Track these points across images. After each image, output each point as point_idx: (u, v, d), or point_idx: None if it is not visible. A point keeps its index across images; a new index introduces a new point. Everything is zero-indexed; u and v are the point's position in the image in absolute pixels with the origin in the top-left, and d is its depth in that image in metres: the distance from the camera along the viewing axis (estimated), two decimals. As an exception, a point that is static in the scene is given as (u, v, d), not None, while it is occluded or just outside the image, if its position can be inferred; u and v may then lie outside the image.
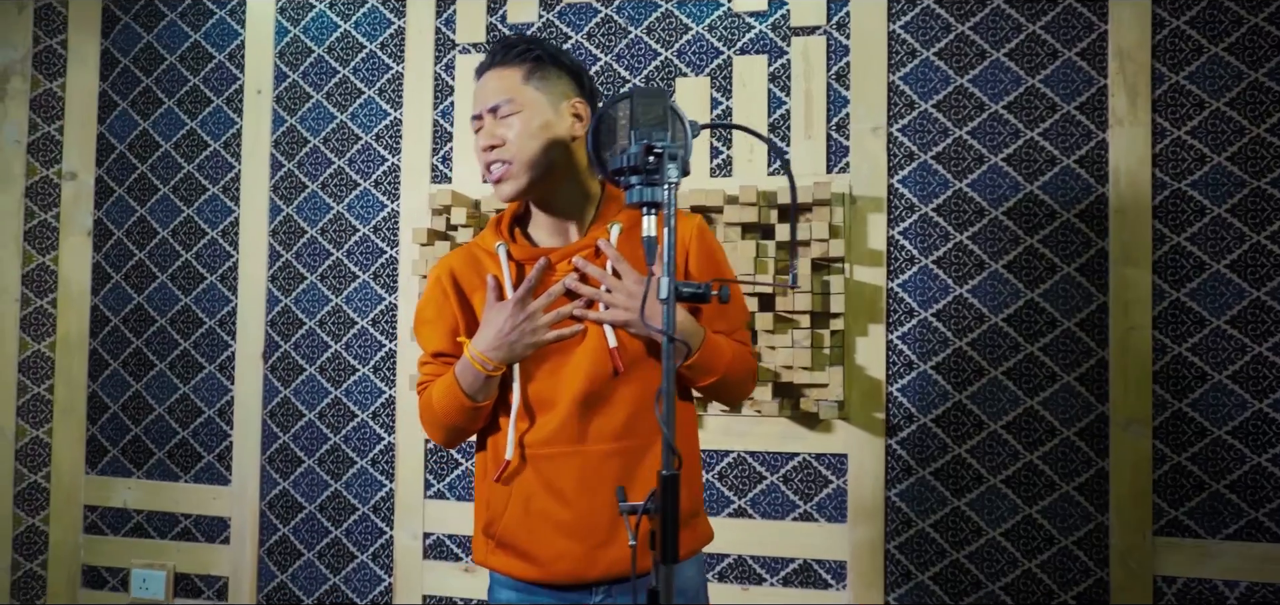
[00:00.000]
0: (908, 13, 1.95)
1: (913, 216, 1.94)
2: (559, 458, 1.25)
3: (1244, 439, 1.79)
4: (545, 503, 1.25)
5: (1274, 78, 1.80)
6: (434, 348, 1.32)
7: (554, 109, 1.27)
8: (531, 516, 1.26)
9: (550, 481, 1.25)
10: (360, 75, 2.23)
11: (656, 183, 0.87)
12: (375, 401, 2.18)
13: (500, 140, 1.25)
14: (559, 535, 1.24)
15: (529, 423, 1.26)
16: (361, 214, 2.21)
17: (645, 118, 0.88)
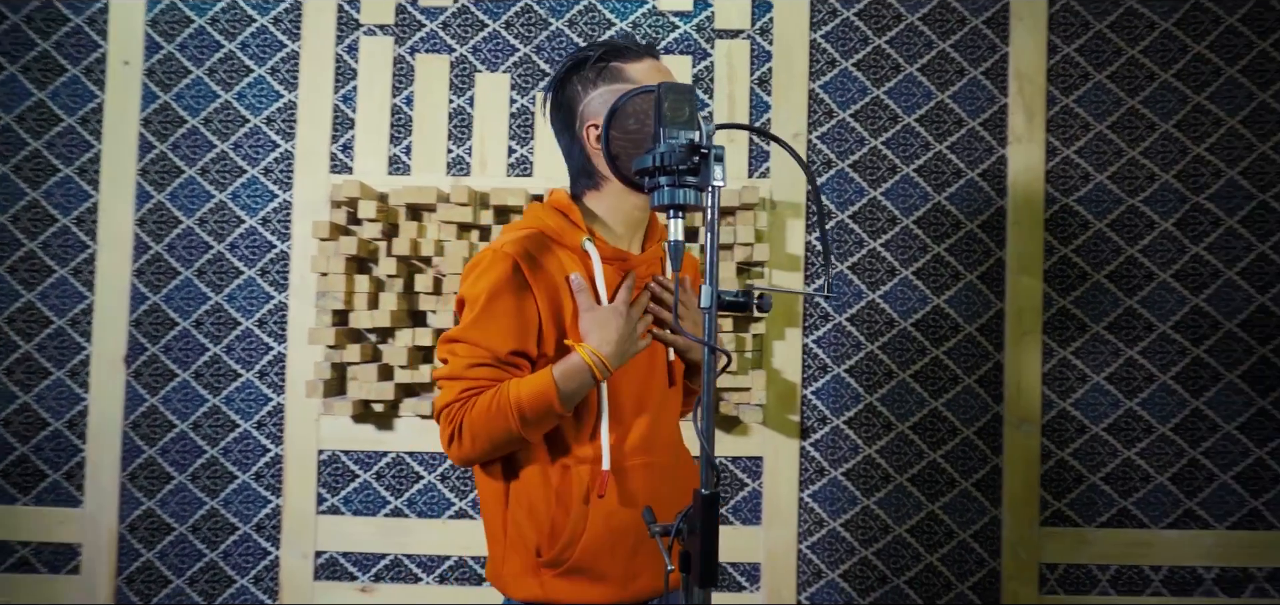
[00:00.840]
0: (829, 23, 2.05)
1: (830, 223, 2.03)
2: (636, 469, 1.23)
3: (1117, 435, 2.00)
4: (625, 518, 1.22)
5: (1148, 105, 2.02)
6: (510, 346, 1.17)
7: None
8: (613, 534, 1.21)
9: (630, 494, 1.22)
10: (249, 52, 2.08)
11: (689, 184, 0.86)
12: (261, 409, 2.04)
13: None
14: (639, 551, 1.22)
15: (614, 433, 1.22)
16: (248, 204, 2.06)
17: (675, 116, 0.87)
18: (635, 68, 1.22)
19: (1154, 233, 2.01)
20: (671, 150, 0.85)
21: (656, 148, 0.87)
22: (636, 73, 1.21)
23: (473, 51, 2.07)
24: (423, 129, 2.06)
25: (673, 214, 0.89)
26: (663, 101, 0.88)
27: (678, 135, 0.86)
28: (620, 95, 1.01)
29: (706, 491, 0.87)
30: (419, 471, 2.03)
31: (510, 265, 1.17)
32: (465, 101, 2.06)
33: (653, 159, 0.87)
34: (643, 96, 1.03)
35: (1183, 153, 2.01)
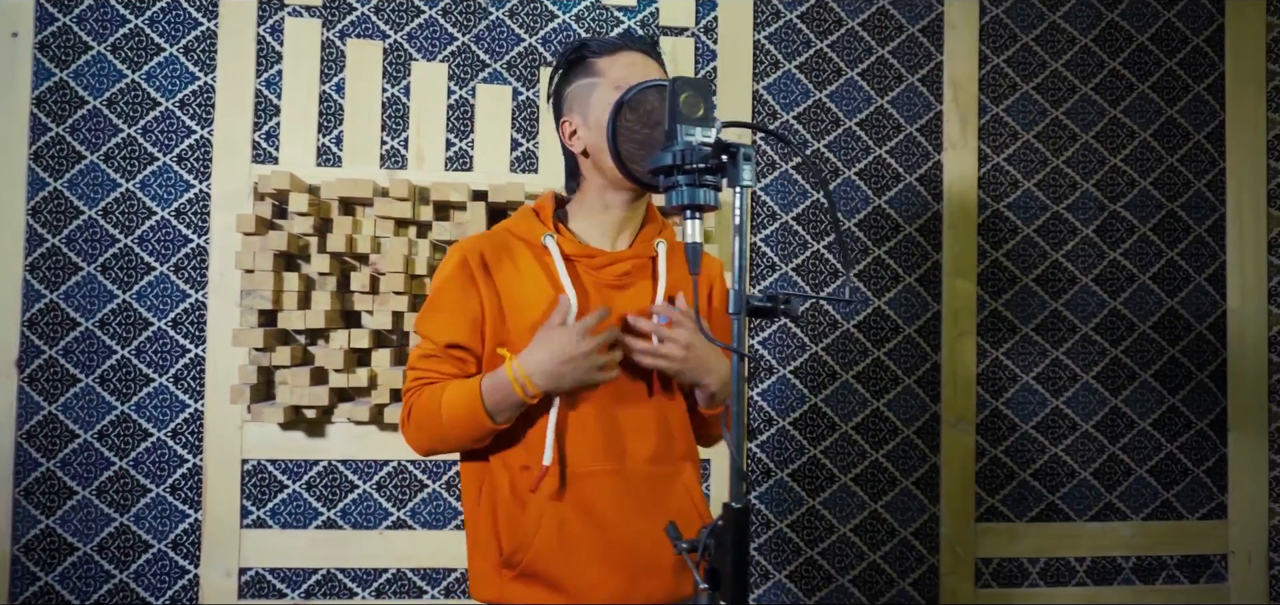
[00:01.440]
0: (772, 24, 2.08)
1: (774, 224, 2.07)
2: (598, 477, 1.20)
3: (1045, 432, 2.12)
4: (581, 527, 1.19)
5: (1071, 116, 2.15)
6: (447, 338, 1.21)
7: None
8: (567, 541, 1.19)
9: (588, 503, 1.19)
10: (159, 28, 1.94)
11: (708, 184, 0.84)
12: (176, 417, 1.91)
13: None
14: (596, 562, 1.19)
15: (575, 440, 1.20)
16: (159, 194, 1.93)
17: (690, 111, 0.85)
18: (605, 61, 1.23)
19: (1076, 239, 2.14)
20: (692, 149, 0.83)
21: (674, 145, 0.85)
22: (606, 66, 1.22)
23: (407, 39, 2.00)
24: (355, 119, 1.98)
25: (691, 215, 0.87)
26: (678, 97, 0.86)
27: (694, 132, 0.85)
28: (628, 89, 0.99)
29: (737, 504, 0.86)
30: (353, 480, 1.95)
31: (458, 260, 1.24)
32: (400, 91, 2.00)
33: (672, 157, 0.84)
34: (654, 91, 1.01)
35: (1101, 163, 2.15)
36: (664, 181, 0.87)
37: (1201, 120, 2.18)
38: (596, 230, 1.27)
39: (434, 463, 1.96)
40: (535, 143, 2.01)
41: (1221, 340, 2.16)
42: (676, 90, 0.86)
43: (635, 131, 1.03)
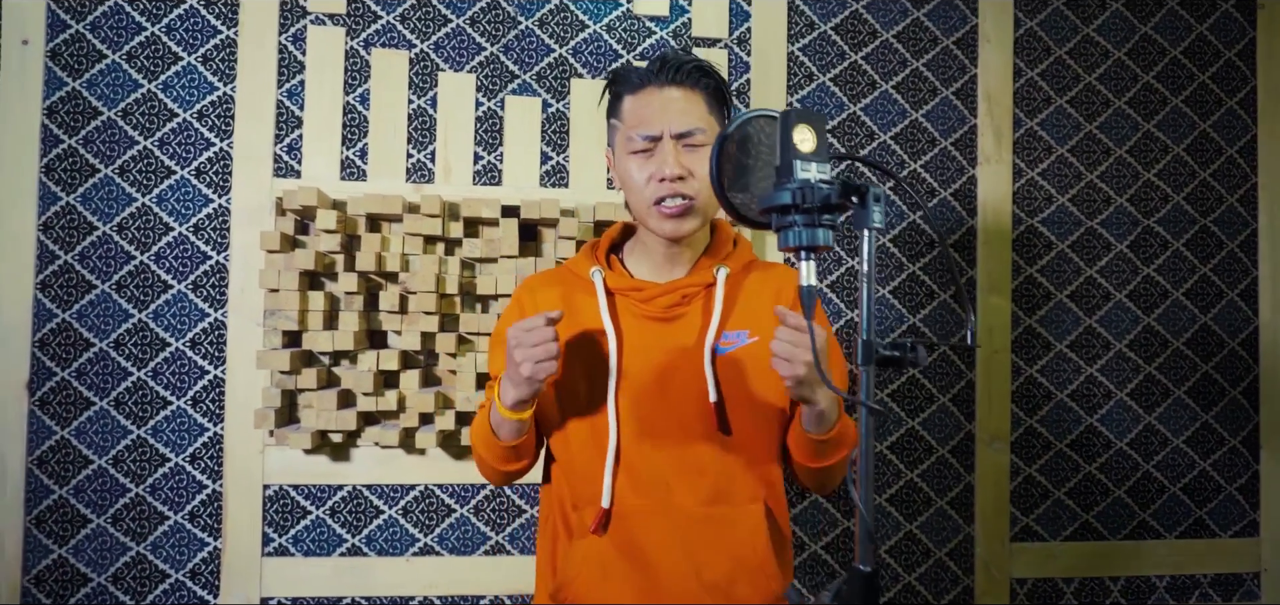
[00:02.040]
0: (806, 36, 2.05)
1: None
2: (643, 515, 1.18)
3: (1079, 450, 2.11)
4: (624, 567, 1.17)
5: (1104, 130, 2.14)
6: (497, 370, 1.29)
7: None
8: (609, 581, 1.16)
9: (633, 543, 1.16)
10: (176, 36, 1.88)
11: (825, 224, 0.81)
12: (195, 441, 1.86)
13: (688, 172, 1.20)
14: (637, 602, 1.17)
15: (621, 473, 1.21)
16: (177, 209, 1.87)
17: (804, 145, 0.80)
18: (629, 102, 1.25)
19: (1110, 254, 2.13)
20: (812, 188, 0.79)
21: (789, 183, 0.80)
22: (629, 111, 1.24)
23: (434, 48, 1.95)
24: (380, 131, 1.93)
25: (805, 256, 0.83)
26: (789, 130, 0.81)
27: (809, 167, 0.82)
28: (734, 124, 0.95)
29: (866, 568, 0.83)
30: (379, 506, 1.90)
31: (515, 298, 1.32)
32: (427, 102, 1.95)
33: (791, 197, 0.80)
34: (764, 121, 0.97)
35: (1135, 177, 2.14)
36: (777, 221, 0.83)
37: (1234, 134, 2.18)
38: (648, 262, 1.29)
39: (462, 487, 1.92)
40: (566, 156, 1.97)
41: (1254, 356, 2.16)
42: (788, 123, 0.82)
43: (740, 165, 0.98)
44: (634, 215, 1.27)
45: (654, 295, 1.24)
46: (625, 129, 1.24)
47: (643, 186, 1.21)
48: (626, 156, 1.23)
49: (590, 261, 1.29)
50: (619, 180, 1.27)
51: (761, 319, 1.25)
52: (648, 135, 1.21)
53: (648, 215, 1.22)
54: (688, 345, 1.22)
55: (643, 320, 1.23)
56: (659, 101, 1.22)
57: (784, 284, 1.31)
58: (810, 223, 0.80)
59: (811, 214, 0.80)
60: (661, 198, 1.20)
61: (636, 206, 1.24)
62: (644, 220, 1.24)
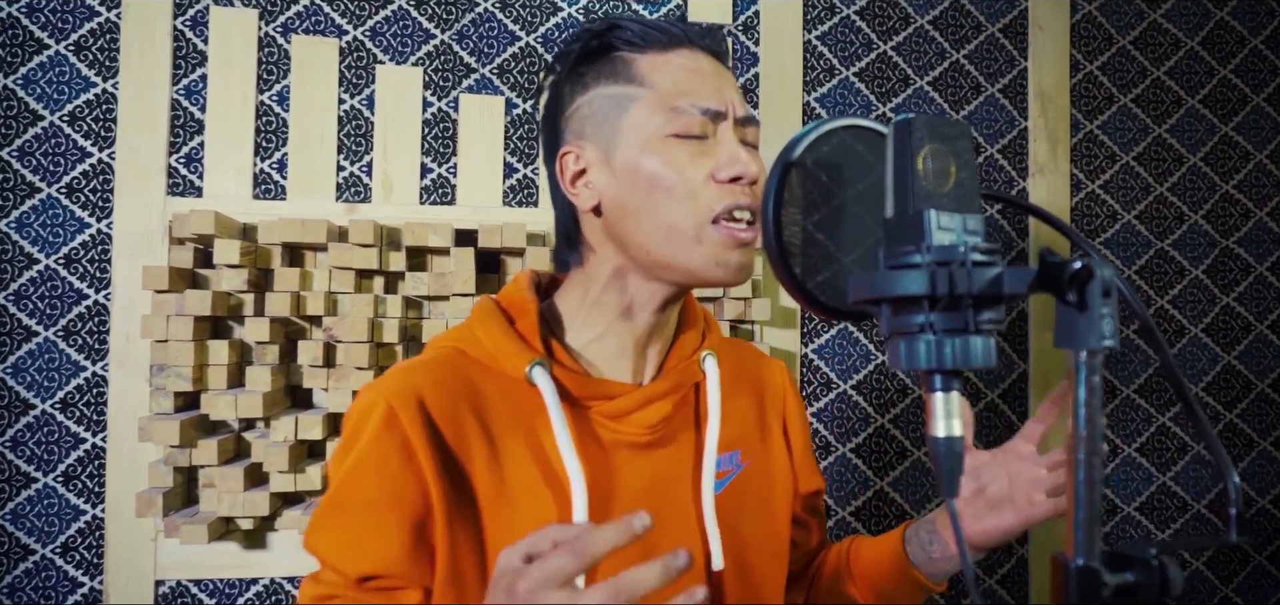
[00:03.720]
0: (826, 22, 1.71)
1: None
2: None
3: (1150, 514, 1.78)
4: None
5: (1176, 134, 1.81)
6: (360, 565, 0.71)
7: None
8: None
9: None
10: (41, 19, 1.50)
11: (986, 328, 0.44)
12: (67, 528, 1.48)
13: (757, 176, 0.76)
14: None
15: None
16: (43, 236, 1.49)
17: (938, 180, 0.44)
18: (651, 60, 0.77)
19: (1184, 281, 1.80)
20: (960, 261, 0.43)
21: (916, 252, 0.44)
22: (652, 70, 0.77)
23: (370, 35, 1.59)
24: (303, 137, 1.56)
25: (943, 385, 0.46)
26: (914, 152, 0.45)
27: (951, 222, 0.46)
28: (805, 140, 0.53)
29: None
30: None
31: (381, 419, 0.72)
32: (361, 102, 1.58)
33: (930, 280, 0.43)
34: (856, 136, 0.55)
35: (1211, 190, 1.82)
36: (892, 321, 0.46)
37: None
38: (610, 346, 0.81)
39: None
40: (534, 168, 1.61)
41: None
42: (913, 140, 0.46)
43: (815, 215, 0.54)
44: (642, 249, 0.77)
45: (635, 406, 0.80)
46: (658, 96, 0.76)
47: (698, 189, 0.74)
48: (663, 141, 0.75)
49: (520, 349, 0.77)
50: (624, 192, 0.77)
51: (746, 427, 0.89)
52: (707, 110, 0.76)
53: (690, 244, 0.75)
54: (674, 485, 0.81)
55: (623, 450, 0.79)
56: (709, 68, 0.79)
57: (760, 372, 0.94)
58: (959, 327, 0.45)
59: (962, 312, 0.45)
60: (733, 210, 0.75)
61: (672, 227, 0.75)
62: (676, 254, 0.75)
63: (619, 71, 0.78)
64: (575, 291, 0.83)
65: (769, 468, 0.90)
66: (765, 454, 0.90)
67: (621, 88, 0.77)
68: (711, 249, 0.75)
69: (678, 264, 0.76)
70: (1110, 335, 0.42)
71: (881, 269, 0.47)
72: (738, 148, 0.77)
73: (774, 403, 0.94)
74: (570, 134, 0.80)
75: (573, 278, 0.84)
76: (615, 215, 0.77)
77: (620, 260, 0.79)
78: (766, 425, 0.92)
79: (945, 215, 0.46)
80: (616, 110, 0.77)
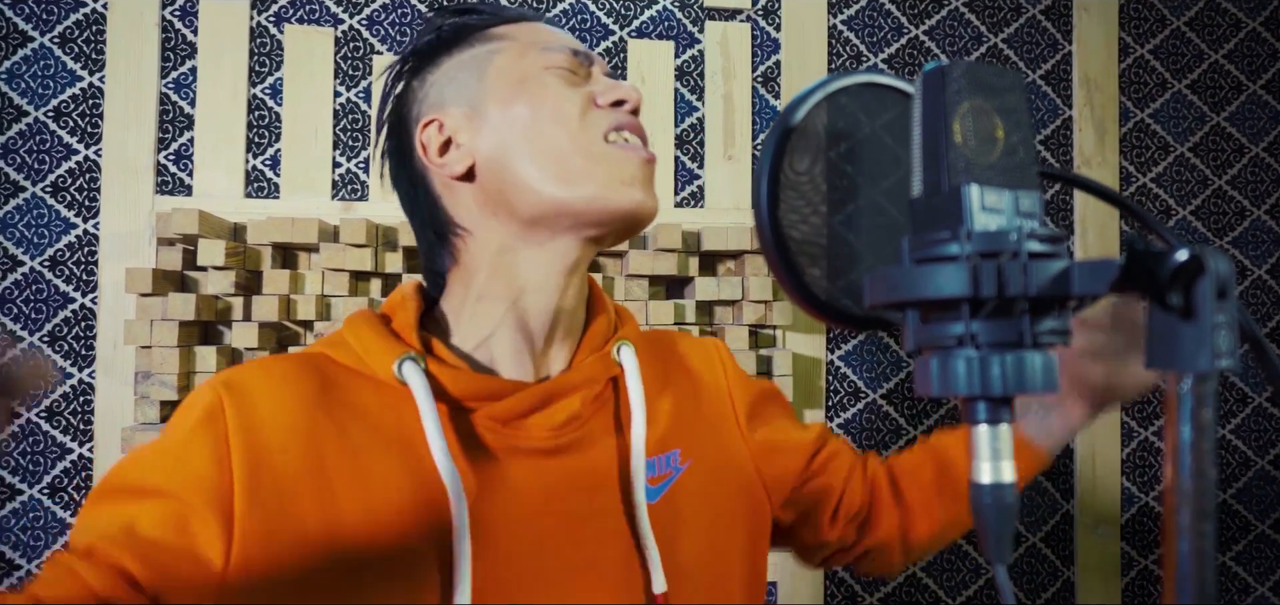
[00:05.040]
0: (852, 5, 1.60)
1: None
2: None
3: (1209, 536, 1.65)
4: None
5: (1235, 123, 1.68)
6: (131, 521, 0.57)
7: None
8: None
9: None
10: (25, 10, 1.44)
11: (1046, 338, 0.34)
12: (51, 541, 1.42)
13: (639, 104, 0.73)
14: None
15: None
16: (27, 238, 1.43)
17: (983, 146, 0.35)
18: (507, 28, 0.73)
19: (1246, 281, 1.67)
20: (1013, 253, 0.34)
21: (953, 239, 0.35)
22: (512, 31, 0.73)
23: (367, 24, 1.51)
24: (297, 131, 1.48)
25: (989, 416, 0.36)
26: (952, 109, 0.36)
27: (1000, 198, 0.35)
28: (807, 99, 0.44)
29: None
30: (295, 627, 1.46)
31: (204, 410, 0.61)
32: (359, 95, 1.50)
33: (970, 276, 0.33)
34: (873, 93, 0.45)
35: (1276, 183, 1.68)
36: (919, 331, 0.37)
37: (1400, 127, 1.72)
38: (505, 344, 0.71)
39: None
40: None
41: None
42: (948, 96, 0.36)
43: (824, 196, 0.45)
44: (531, 192, 0.67)
45: (532, 406, 0.68)
46: (523, 42, 0.71)
47: (579, 116, 0.68)
48: (538, 75, 0.69)
49: (391, 347, 0.66)
50: (500, 134, 0.68)
51: (681, 423, 0.75)
52: (575, 51, 0.72)
53: (585, 167, 0.67)
54: (597, 495, 0.69)
55: (520, 456, 0.67)
56: (565, 40, 0.73)
57: (690, 362, 0.82)
58: (1012, 340, 0.35)
59: (1015, 320, 0.35)
60: (622, 128, 0.70)
61: (562, 154, 0.67)
62: (571, 185, 0.66)
63: (474, 40, 0.73)
64: (456, 290, 0.72)
65: (721, 466, 0.77)
66: (716, 450, 0.77)
67: (479, 48, 0.72)
68: (609, 167, 0.67)
69: (574, 197, 0.66)
70: (1228, 352, 0.31)
71: (907, 264, 0.37)
72: (613, 83, 0.72)
73: (713, 390, 0.80)
74: (427, 110, 0.72)
75: (452, 278, 0.73)
76: (493, 171, 0.68)
77: (503, 233, 0.70)
78: (709, 418, 0.79)
79: (991, 192, 0.36)
80: (478, 68, 0.71)
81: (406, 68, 0.76)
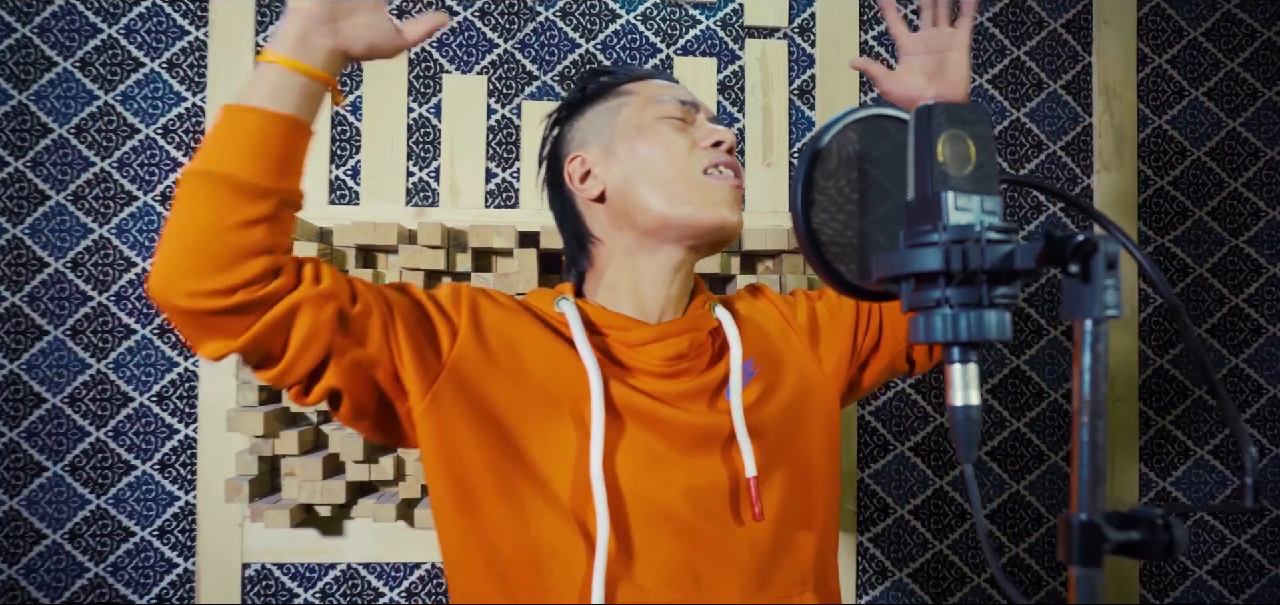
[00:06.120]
0: (880, 22, 1.73)
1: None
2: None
3: (1226, 520, 1.75)
4: None
5: (1251, 128, 1.77)
6: (373, 294, 0.84)
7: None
8: None
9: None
10: (137, 39, 1.63)
11: (1001, 302, 0.49)
12: (163, 512, 1.60)
13: (733, 144, 0.98)
14: None
15: (617, 556, 0.86)
16: (141, 241, 1.61)
17: (958, 163, 0.49)
18: (636, 85, 1.00)
19: (1260, 279, 1.76)
20: (977, 239, 0.48)
21: (934, 232, 0.49)
22: (638, 87, 1.00)
23: (438, 46, 1.68)
24: (374, 145, 1.65)
25: (962, 357, 0.51)
26: (934, 138, 0.50)
27: (968, 202, 0.50)
28: (831, 129, 0.59)
29: None
30: (379, 587, 1.63)
31: (453, 289, 0.94)
32: (429, 110, 1.67)
33: (944, 257, 0.48)
34: (880, 126, 0.60)
35: (1290, 184, 1.78)
36: (911, 297, 0.51)
37: None
38: (631, 301, 0.97)
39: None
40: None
41: None
42: (933, 126, 0.50)
43: (840, 200, 0.60)
44: (647, 211, 0.93)
45: (650, 338, 0.93)
46: (643, 97, 0.97)
47: (685, 154, 0.93)
48: (654, 123, 0.94)
49: (552, 295, 0.97)
50: (624, 173, 0.94)
51: (752, 346, 0.99)
52: (684, 101, 0.97)
53: (687, 193, 0.91)
54: (695, 402, 0.93)
55: (635, 373, 0.92)
56: (678, 93, 0.99)
57: (760, 301, 1.07)
58: (974, 302, 0.49)
59: (977, 287, 0.49)
60: (718, 164, 0.94)
61: (669, 183, 0.92)
62: (676, 205, 0.91)
63: (608, 95, 1.00)
64: (591, 283, 1.00)
65: (786, 369, 0.99)
66: (790, 362, 1.00)
67: (612, 101, 0.99)
68: (704, 193, 0.92)
69: (678, 214, 0.92)
70: (1113, 305, 0.45)
71: (902, 248, 0.51)
72: (713, 127, 0.97)
73: (769, 315, 1.05)
74: (573, 146, 1.00)
75: (589, 276, 1.00)
76: (620, 195, 0.94)
77: (627, 241, 0.95)
78: (770, 335, 1.02)
79: (963, 197, 0.50)
80: (610, 116, 0.98)
81: (560, 116, 1.03)
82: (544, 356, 0.90)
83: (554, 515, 0.85)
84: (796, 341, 1.03)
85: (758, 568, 0.89)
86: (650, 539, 0.86)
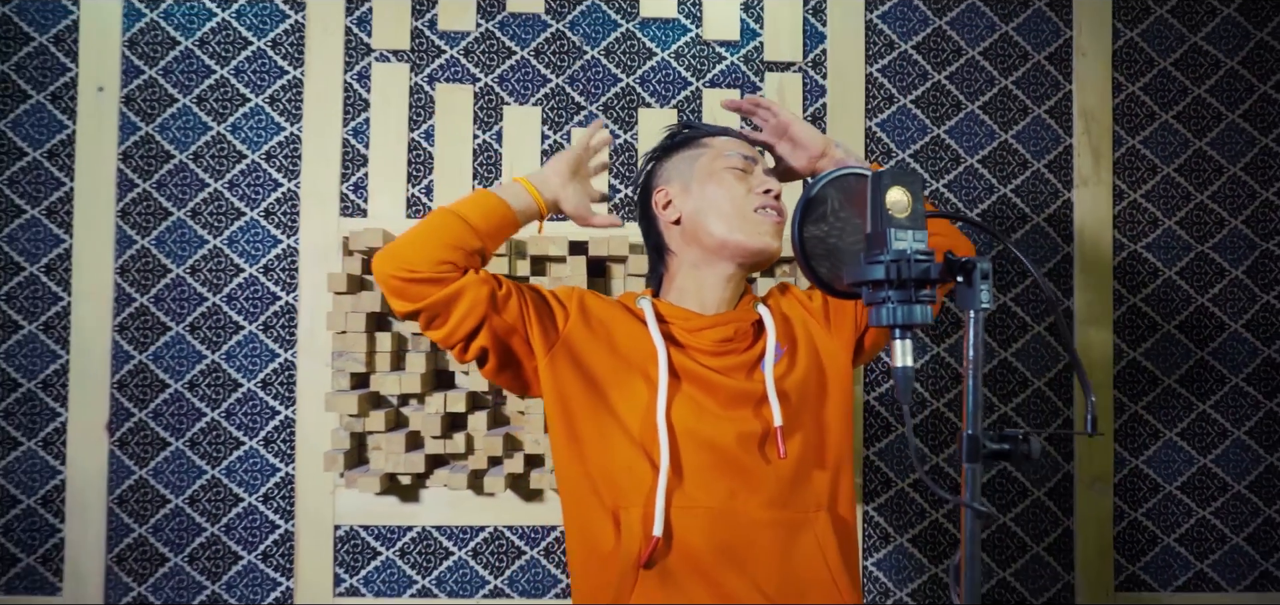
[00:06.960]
0: (885, 57, 1.98)
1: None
2: (703, 520, 1.16)
3: (1191, 493, 1.98)
4: (688, 581, 1.14)
5: (1216, 147, 2.01)
6: (512, 285, 1.22)
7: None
8: (671, 596, 1.14)
9: (690, 553, 1.15)
10: (244, 77, 1.92)
11: (924, 300, 0.77)
12: (267, 481, 1.89)
13: (780, 192, 1.31)
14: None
15: (673, 476, 1.18)
16: (247, 250, 1.91)
17: (898, 211, 0.76)
18: (712, 140, 1.34)
19: (1224, 281, 2.00)
20: (908, 260, 0.75)
21: (883, 254, 0.77)
22: (712, 142, 1.33)
23: (499, 81, 1.95)
24: (445, 167, 1.93)
25: (901, 335, 0.80)
26: (882, 194, 0.78)
27: (904, 236, 0.77)
28: (819, 183, 0.90)
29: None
30: (449, 547, 1.90)
31: (568, 289, 1.29)
32: (492, 137, 1.95)
33: (887, 271, 0.77)
34: (852, 180, 0.91)
35: (1251, 197, 2.01)
36: (868, 295, 0.79)
37: (1364, 147, 2.02)
38: (695, 299, 1.30)
39: (532, 529, 1.90)
40: (635, 188, 1.95)
41: (1390, 391, 2.00)
42: (881, 186, 0.78)
43: (824, 228, 0.92)
44: (710, 235, 1.26)
45: (703, 326, 1.25)
46: (714, 150, 1.31)
47: (742, 196, 1.26)
48: (721, 172, 1.28)
49: (634, 295, 1.34)
50: (695, 204, 1.28)
51: (781, 333, 1.30)
52: (747, 156, 1.30)
53: (741, 225, 1.24)
54: (737, 373, 1.24)
55: (694, 352, 1.24)
56: (743, 148, 1.33)
57: (787, 296, 1.38)
58: (906, 299, 0.75)
59: (907, 289, 0.75)
60: (765, 205, 1.27)
61: (728, 216, 1.25)
62: (732, 232, 1.24)
63: (690, 144, 1.36)
64: (666, 286, 1.35)
65: (808, 351, 1.29)
66: (808, 343, 1.30)
67: (693, 151, 1.34)
68: (754, 225, 1.25)
69: (733, 238, 1.25)
70: (986, 302, 0.71)
71: (862, 264, 0.78)
72: (766, 176, 1.32)
73: (793, 307, 1.34)
74: (661, 180, 1.35)
75: (665, 282, 1.35)
76: (692, 221, 1.28)
77: (694, 255, 1.29)
78: (794, 321, 1.32)
79: (901, 231, 0.76)
80: (690, 162, 1.33)
81: (654, 157, 1.39)
82: (628, 336, 1.25)
83: (631, 445, 1.19)
84: (814, 324, 1.33)
85: (780, 493, 1.19)
86: (698, 466, 1.17)
